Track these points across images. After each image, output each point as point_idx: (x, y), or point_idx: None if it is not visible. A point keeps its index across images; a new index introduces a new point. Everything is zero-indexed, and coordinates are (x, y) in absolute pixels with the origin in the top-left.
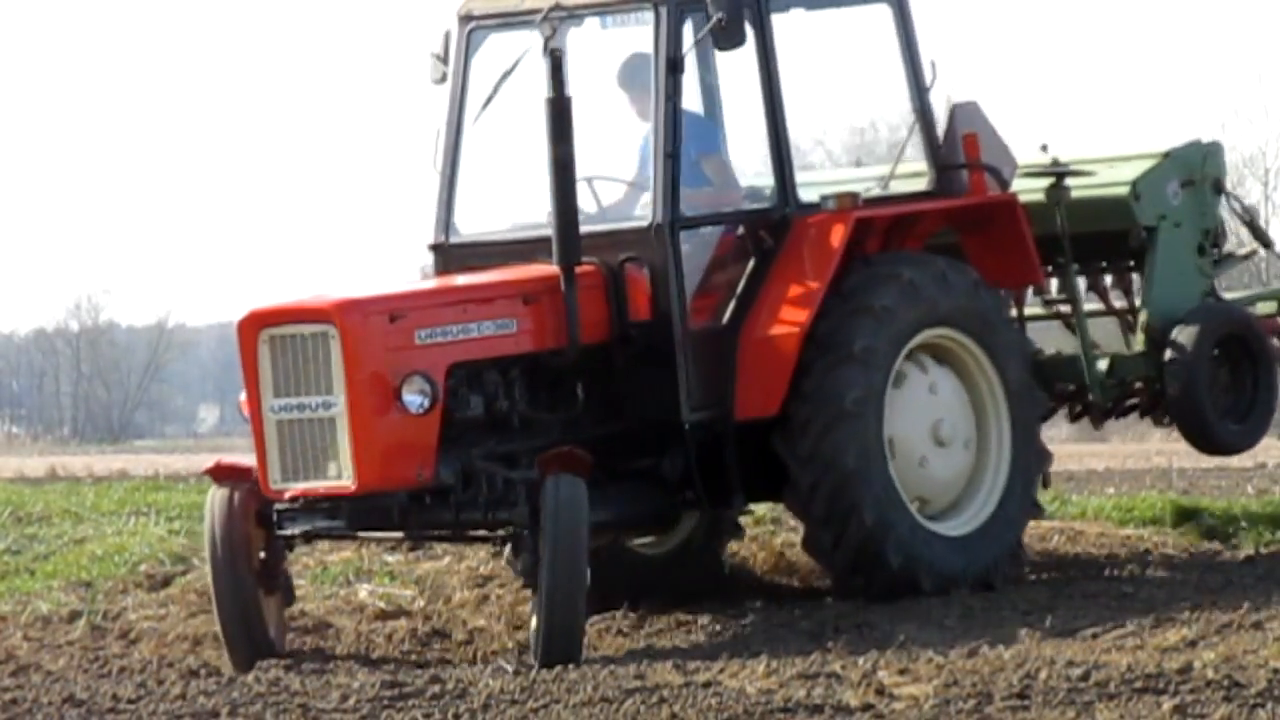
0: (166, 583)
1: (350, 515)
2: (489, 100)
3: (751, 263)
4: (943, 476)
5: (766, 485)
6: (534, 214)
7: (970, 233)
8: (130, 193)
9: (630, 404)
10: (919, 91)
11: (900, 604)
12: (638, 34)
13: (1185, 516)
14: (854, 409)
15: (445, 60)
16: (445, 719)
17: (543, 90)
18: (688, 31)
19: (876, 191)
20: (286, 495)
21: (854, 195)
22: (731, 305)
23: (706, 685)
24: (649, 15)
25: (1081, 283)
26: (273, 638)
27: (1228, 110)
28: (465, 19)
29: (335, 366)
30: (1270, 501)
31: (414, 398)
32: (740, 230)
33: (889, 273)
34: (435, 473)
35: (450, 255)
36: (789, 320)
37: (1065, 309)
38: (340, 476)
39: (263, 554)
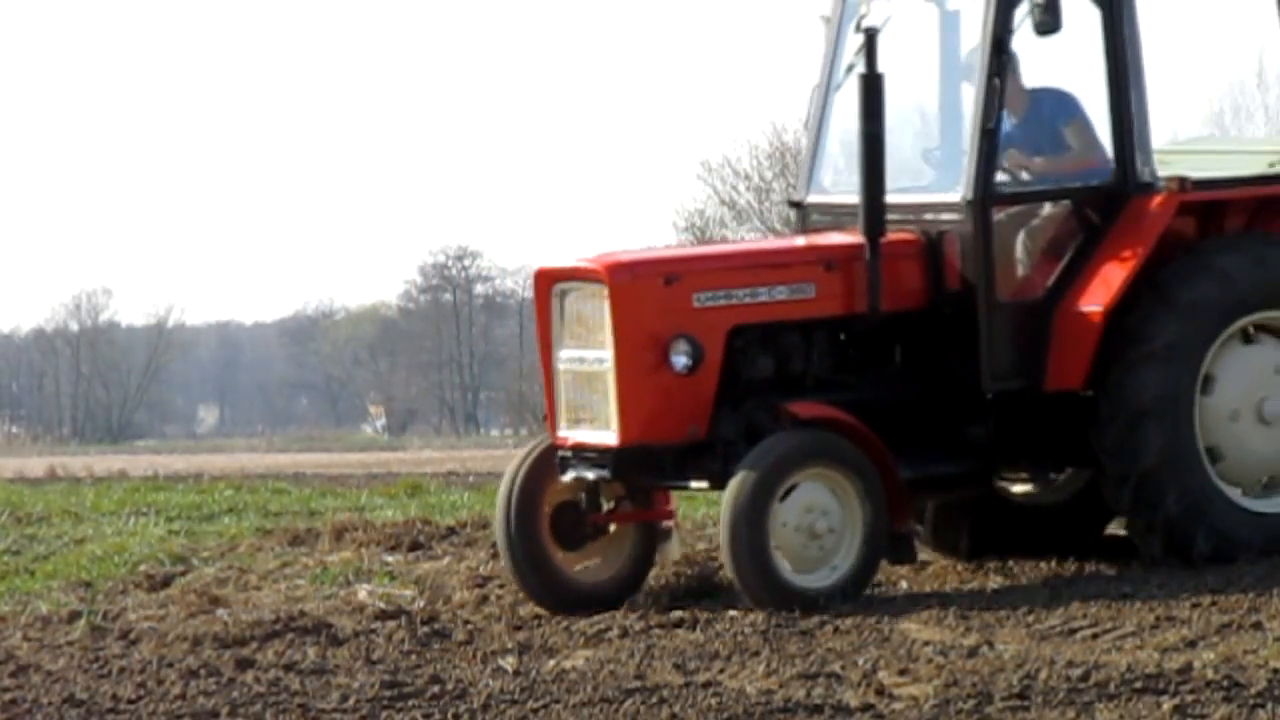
0: (166, 583)
1: (617, 465)
2: (852, 66)
3: (1080, 238)
4: (1264, 452)
5: (1077, 455)
6: (891, 180)
7: None
8: (131, 192)
9: (938, 369)
10: None
11: (900, 604)
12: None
13: None
14: (1155, 407)
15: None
16: (445, 719)
17: (862, 66)
18: (1019, 13)
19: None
20: (568, 443)
21: (1183, 178)
22: (1053, 278)
23: (706, 685)
24: None
25: None
26: (567, 582)
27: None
28: None
29: (606, 324)
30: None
31: (678, 358)
32: (1069, 205)
33: (1203, 262)
34: (712, 429)
35: (809, 213)
36: (1098, 299)
37: None
38: (608, 428)
39: (561, 502)
